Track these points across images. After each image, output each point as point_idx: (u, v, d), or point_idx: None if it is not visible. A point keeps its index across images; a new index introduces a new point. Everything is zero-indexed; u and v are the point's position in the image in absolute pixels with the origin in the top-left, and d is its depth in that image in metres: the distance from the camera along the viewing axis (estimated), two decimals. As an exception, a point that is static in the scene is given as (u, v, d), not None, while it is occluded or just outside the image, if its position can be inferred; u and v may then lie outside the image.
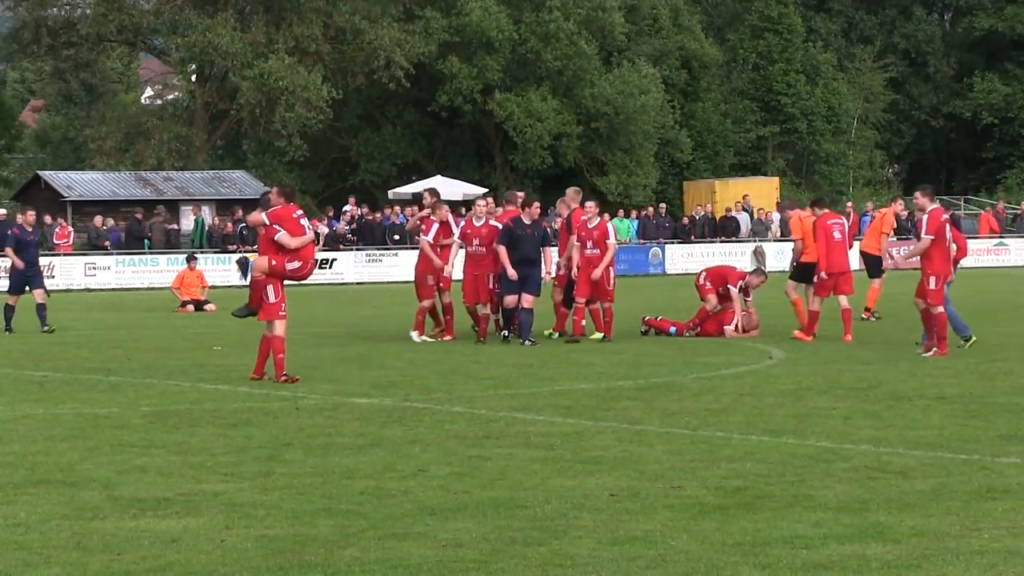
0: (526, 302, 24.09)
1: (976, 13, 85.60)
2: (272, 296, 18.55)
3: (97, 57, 73.85)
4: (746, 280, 25.79)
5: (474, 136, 71.72)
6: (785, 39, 76.97)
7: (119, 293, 47.68)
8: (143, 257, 51.73)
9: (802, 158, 77.75)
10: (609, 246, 24.68)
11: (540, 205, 25.77)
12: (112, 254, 51.54)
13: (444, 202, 26.49)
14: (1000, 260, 59.81)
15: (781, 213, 50.85)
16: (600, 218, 25.15)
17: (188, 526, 9.70)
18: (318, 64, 64.13)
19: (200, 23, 62.61)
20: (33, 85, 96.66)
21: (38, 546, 9.14)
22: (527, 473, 11.57)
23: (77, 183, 58.83)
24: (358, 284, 51.87)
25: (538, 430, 13.95)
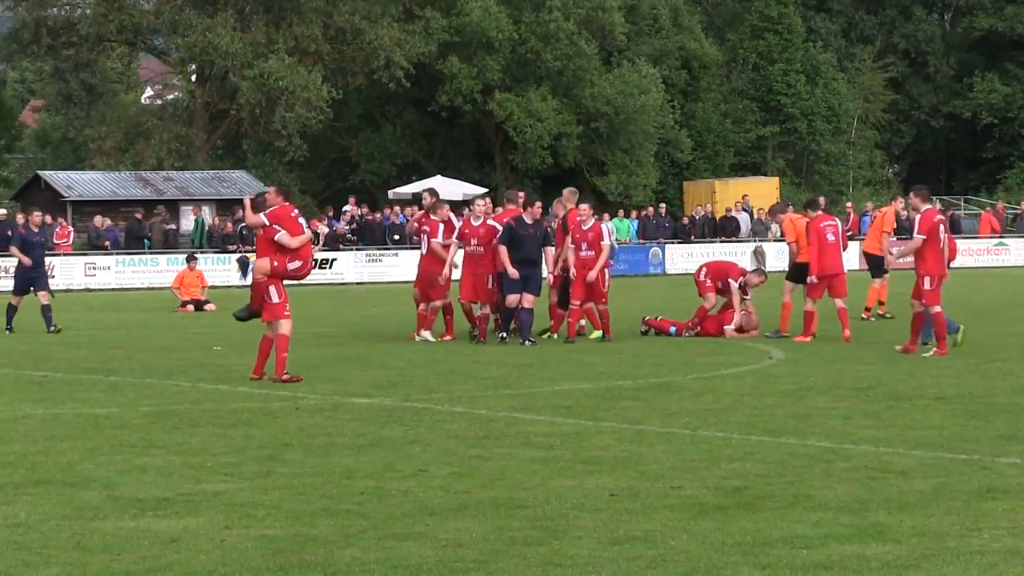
0: (527, 302, 24.08)
1: (976, 13, 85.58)
2: (276, 296, 18.58)
3: (97, 57, 73.81)
4: (746, 278, 25.73)
5: (474, 136, 71.70)
6: (785, 39, 76.94)
7: (119, 293, 47.67)
8: (143, 257, 51.69)
9: (802, 158, 77.73)
10: (603, 248, 24.65)
11: (541, 205, 25.74)
12: (112, 254, 51.52)
13: (445, 202, 26.49)
14: (1000, 260, 59.79)
15: (772, 218, 50.85)
16: (595, 219, 25.11)
17: (188, 526, 9.70)
18: (318, 64, 64.10)
19: (200, 23, 62.58)
20: (33, 85, 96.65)
21: (38, 546, 9.14)
22: (527, 473, 11.57)
23: (77, 183, 58.80)
24: (358, 284, 51.85)
25: (538, 430, 13.95)
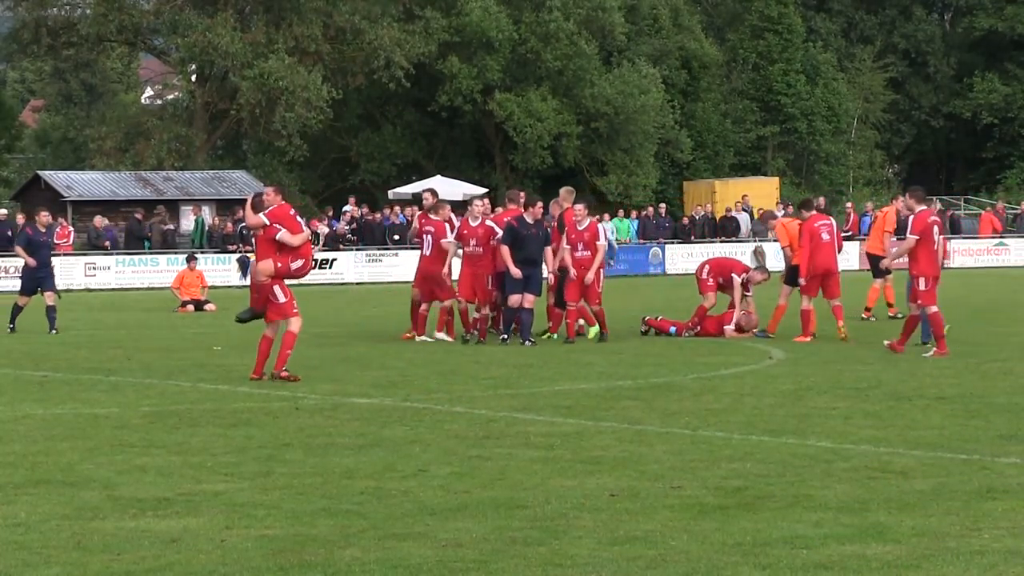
0: (527, 302, 24.07)
1: (976, 13, 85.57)
2: (281, 296, 18.59)
3: (97, 57, 73.80)
4: (749, 274, 25.65)
5: (474, 136, 71.69)
6: (785, 39, 76.93)
7: (119, 293, 47.66)
8: (143, 257, 51.67)
9: (802, 158, 77.72)
10: (599, 248, 24.63)
11: (542, 205, 25.73)
12: (112, 254, 51.51)
13: (445, 202, 26.49)
14: (1000, 260, 59.78)
15: (764, 224, 50.81)
16: (590, 219, 25.08)
17: (188, 526, 9.70)
18: (318, 64, 64.09)
19: (200, 23, 62.57)
20: (33, 85, 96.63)
21: (38, 546, 9.14)
22: (527, 473, 11.57)
23: (77, 183, 58.78)
24: (358, 284, 51.85)
25: (538, 430, 13.95)
